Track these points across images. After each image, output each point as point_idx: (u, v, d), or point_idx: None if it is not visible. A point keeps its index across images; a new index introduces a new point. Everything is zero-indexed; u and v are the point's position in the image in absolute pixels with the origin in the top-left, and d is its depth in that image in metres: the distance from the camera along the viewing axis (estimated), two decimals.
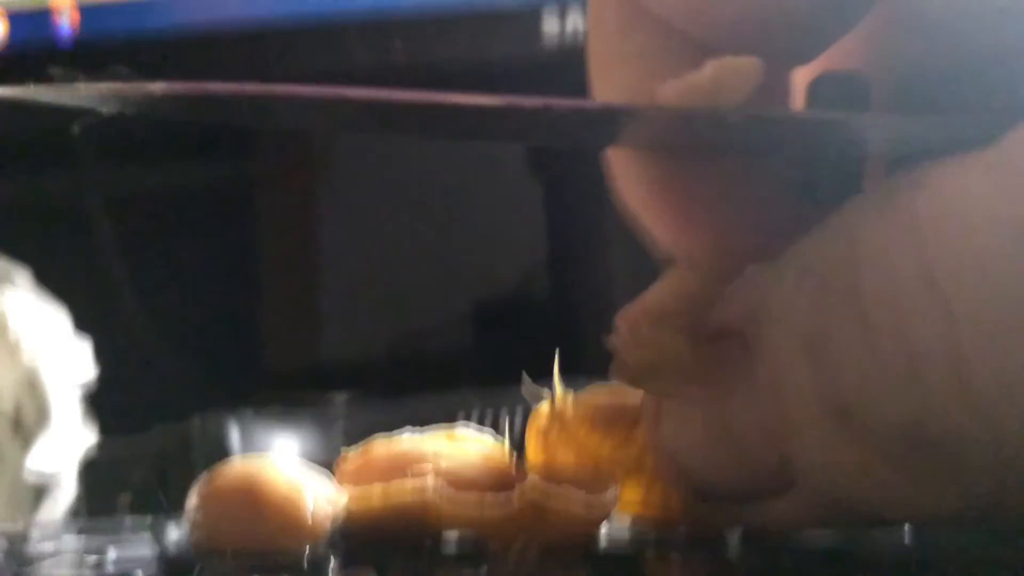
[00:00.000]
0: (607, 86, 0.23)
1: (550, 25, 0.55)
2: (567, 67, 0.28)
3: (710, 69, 0.18)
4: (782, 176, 0.23)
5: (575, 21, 0.55)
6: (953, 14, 0.20)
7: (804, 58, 0.22)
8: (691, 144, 0.21)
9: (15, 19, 0.58)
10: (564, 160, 0.64)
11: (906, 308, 0.17)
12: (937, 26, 0.20)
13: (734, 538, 0.24)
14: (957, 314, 0.17)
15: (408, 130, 0.21)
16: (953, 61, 0.21)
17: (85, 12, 0.57)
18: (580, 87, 0.23)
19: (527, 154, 0.70)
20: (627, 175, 0.23)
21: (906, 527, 0.24)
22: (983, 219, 0.17)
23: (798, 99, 0.23)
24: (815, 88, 0.21)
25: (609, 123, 0.19)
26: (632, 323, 0.21)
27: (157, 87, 0.18)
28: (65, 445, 0.52)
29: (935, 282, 0.17)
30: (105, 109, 0.20)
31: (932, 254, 0.17)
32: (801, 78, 0.23)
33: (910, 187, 0.18)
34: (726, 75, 0.18)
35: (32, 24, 0.57)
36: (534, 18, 0.56)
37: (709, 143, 0.21)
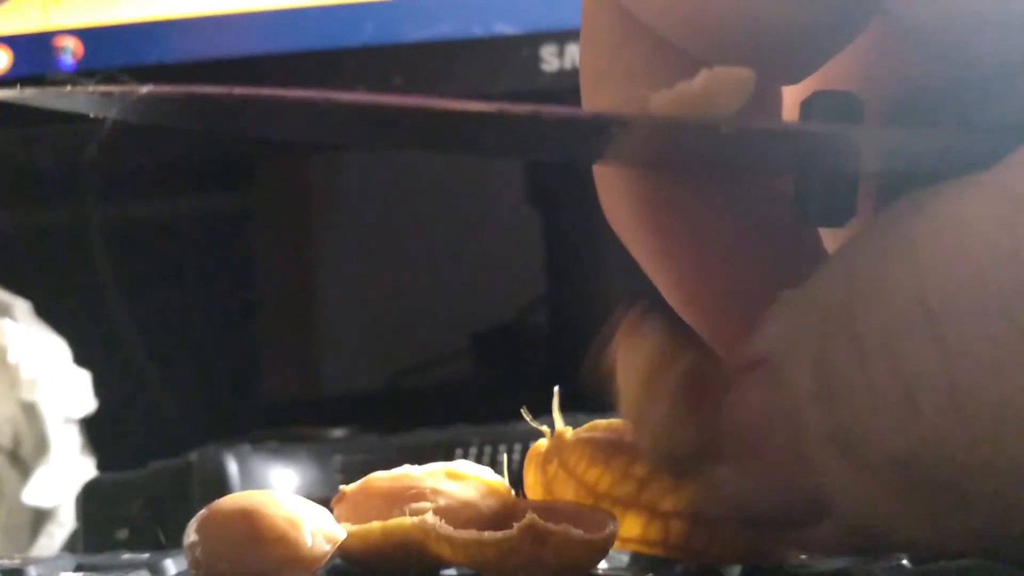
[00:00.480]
0: (599, 101, 0.23)
1: (548, 57, 0.56)
2: (565, 99, 0.28)
3: (702, 78, 0.18)
4: (772, 198, 0.23)
5: (573, 53, 0.56)
6: (951, 30, 0.19)
7: (797, 75, 0.22)
8: (682, 157, 0.21)
9: (19, 49, 0.58)
10: (563, 195, 0.64)
11: (901, 337, 0.17)
12: (935, 42, 0.20)
13: (734, 571, 0.23)
14: (952, 343, 0.17)
15: (396, 138, 0.21)
16: (951, 78, 0.21)
17: (88, 42, 0.58)
18: None
19: (526, 187, 0.71)
20: (614, 193, 0.23)
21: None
22: (979, 247, 0.17)
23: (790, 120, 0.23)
24: (807, 107, 0.21)
25: (600, 133, 0.18)
26: (646, 421, 0.21)
27: (143, 88, 0.17)
28: (63, 478, 0.52)
29: (931, 311, 0.17)
30: (93, 112, 0.19)
31: (928, 282, 0.17)
32: (793, 99, 0.23)
33: (907, 214, 0.18)
34: (718, 84, 0.18)
35: (35, 54, 0.58)
36: (532, 50, 0.56)
37: (700, 156, 0.20)
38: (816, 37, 0.21)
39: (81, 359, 0.56)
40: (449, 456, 0.44)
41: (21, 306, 0.56)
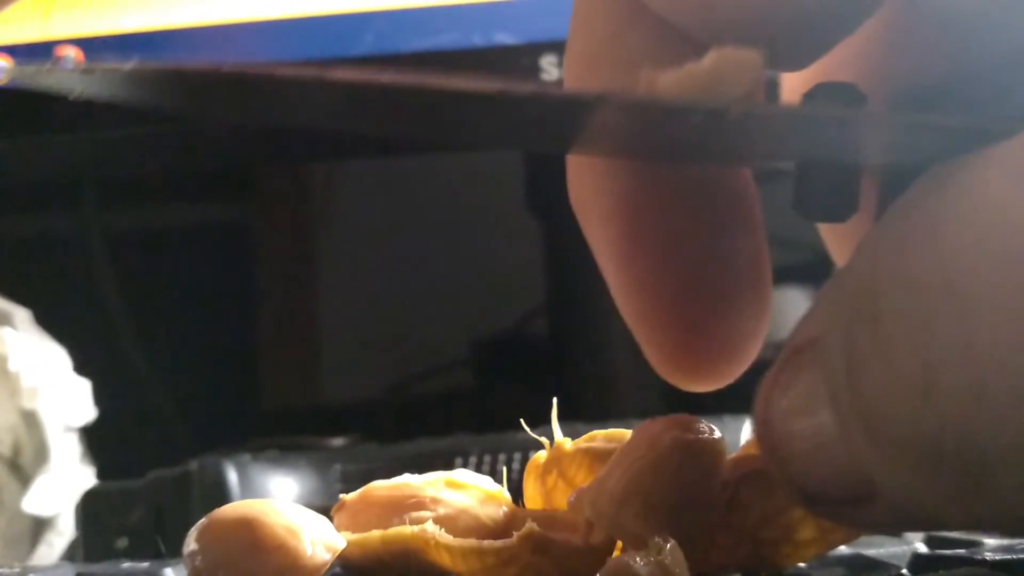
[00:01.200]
0: (593, 86, 0.23)
1: (548, 67, 0.56)
2: None
3: (711, 59, 0.18)
4: (740, 210, 0.23)
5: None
6: (965, 13, 0.19)
7: (802, 60, 0.21)
8: (685, 142, 0.21)
9: (19, 58, 0.58)
10: (563, 203, 0.64)
11: (924, 318, 0.17)
12: (947, 27, 0.20)
13: None
14: (975, 323, 0.17)
15: (391, 121, 0.20)
16: (962, 66, 0.21)
17: (89, 51, 0.58)
18: None
19: (526, 195, 0.71)
20: (589, 187, 0.23)
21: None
22: (1003, 226, 0.17)
23: None
24: (809, 99, 0.21)
25: (603, 113, 0.18)
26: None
27: (128, 64, 0.17)
28: (63, 487, 0.52)
29: (952, 288, 0.17)
30: (77, 91, 0.19)
31: (951, 262, 0.17)
32: (795, 89, 0.23)
33: (928, 193, 0.18)
34: (727, 66, 0.18)
35: (36, 63, 0.58)
36: (533, 60, 0.56)
37: (704, 141, 0.20)
38: (824, 20, 0.20)
39: (81, 368, 0.56)
40: (449, 465, 0.44)
41: (21, 314, 0.56)
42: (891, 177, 0.21)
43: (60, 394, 0.54)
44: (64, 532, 0.52)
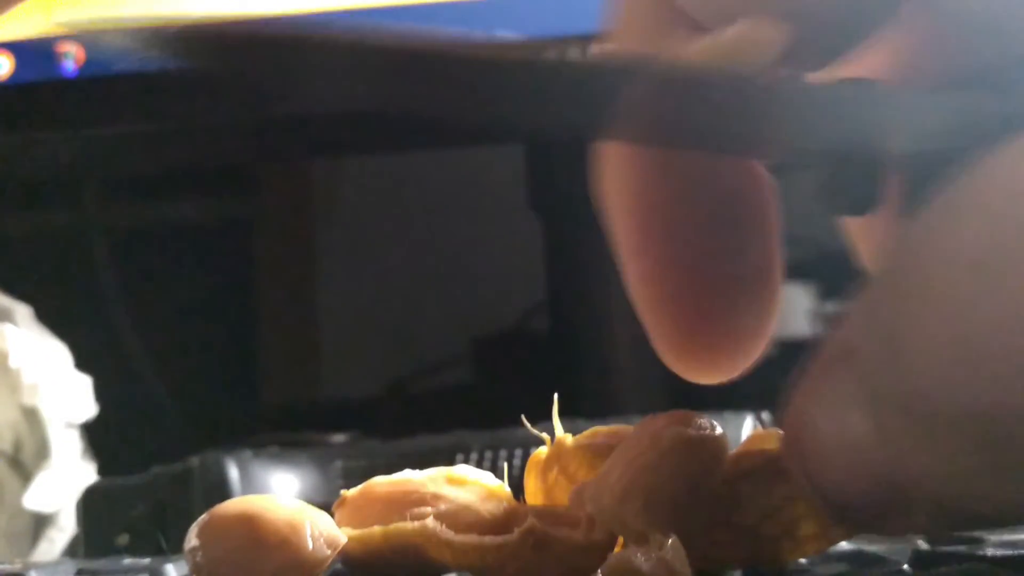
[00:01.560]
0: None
1: None
2: None
3: (733, 30, 0.18)
4: (755, 210, 0.23)
5: (575, 58, 0.56)
6: (990, 15, 0.19)
7: (823, 58, 0.21)
8: (712, 127, 0.20)
9: (20, 55, 0.58)
10: (564, 201, 0.64)
11: (962, 295, 0.17)
12: (971, 30, 0.20)
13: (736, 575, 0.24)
14: (1016, 299, 0.16)
15: (424, 91, 0.20)
16: (988, 67, 0.20)
17: (90, 49, 0.58)
18: None
19: (527, 192, 0.71)
20: (615, 179, 0.24)
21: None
22: None
23: None
24: None
25: (631, 81, 0.18)
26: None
27: (174, 25, 0.17)
28: (64, 483, 0.52)
29: (990, 262, 0.17)
30: (116, 45, 0.19)
31: (986, 233, 0.17)
32: None
33: (963, 174, 0.18)
34: (748, 38, 0.18)
35: (37, 60, 0.58)
36: (534, 55, 0.56)
37: (732, 124, 0.20)
38: (841, 19, 0.20)
39: (82, 364, 0.56)
40: (450, 461, 0.44)
41: (22, 311, 0.56)
42: (916, 169, 0.21)
43: (61, 390, 0.54)
44: (65, 528, 0.52)
